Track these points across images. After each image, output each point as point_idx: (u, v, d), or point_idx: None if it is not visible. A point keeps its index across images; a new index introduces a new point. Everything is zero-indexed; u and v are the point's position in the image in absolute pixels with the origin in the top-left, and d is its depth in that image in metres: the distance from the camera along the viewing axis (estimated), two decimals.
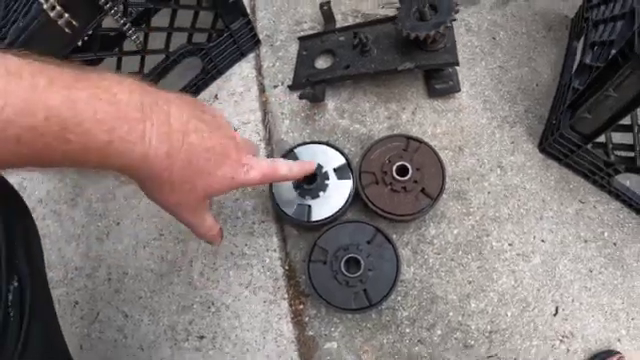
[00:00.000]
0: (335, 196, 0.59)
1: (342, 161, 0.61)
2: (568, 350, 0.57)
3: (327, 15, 0.72)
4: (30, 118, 0.26)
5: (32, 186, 0.78)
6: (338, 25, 0.73)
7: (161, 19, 0.66)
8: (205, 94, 0.75)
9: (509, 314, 0.58)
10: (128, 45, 0.64)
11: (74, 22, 0.53)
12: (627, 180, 0.62)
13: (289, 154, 0.63)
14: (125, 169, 0.33)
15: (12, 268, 0.33)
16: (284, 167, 0.46)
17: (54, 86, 0.27)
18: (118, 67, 0.65)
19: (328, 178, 0.60)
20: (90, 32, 0.56)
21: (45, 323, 0.37)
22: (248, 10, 0.74)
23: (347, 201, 0.59)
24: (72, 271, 0.70)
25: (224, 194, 0.45)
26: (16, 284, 0.33)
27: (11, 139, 0.26)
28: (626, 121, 0.53)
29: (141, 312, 0.65)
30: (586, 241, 0.62)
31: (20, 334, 0.32)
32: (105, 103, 0.29)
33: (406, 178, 0.57)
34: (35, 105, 0.26)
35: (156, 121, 0.32)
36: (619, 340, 0.58)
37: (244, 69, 0.76)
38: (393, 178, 0.58)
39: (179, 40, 0.68)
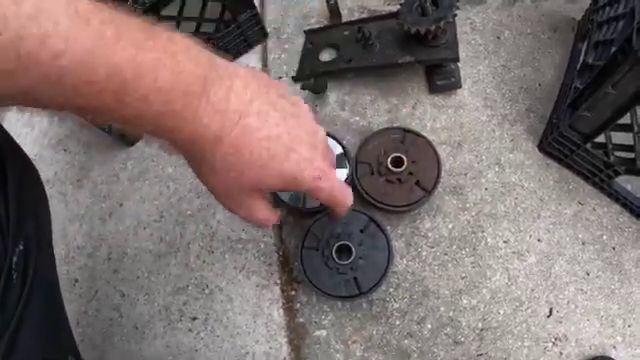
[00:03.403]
0: None
1: (339, 150, 0.62)
2: (561, 353, 0.56)
3: (333, 10, 0.74)
4: (90, 72, 0.24)
5: (40, 167, 0.79)
6: (344, 20, 0.75)
7: (170, 9, 0.68)
8: None
9: (501, 312, 0.58)
10: None
11: None
12: (628, 184, 0.62)
13: None
14: (172, 143, 0.31)
15: (20, 231, 0.34)
16: (351, 198, 0.40)
17: (121, 41, 0.25)
18: None
19: None
20: None
21: (47, 290, 0.37)
22: (257, 3, 0.76)
23: None
24: (74, 250, 0.72)
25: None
26: (22, 247, 0.33)
27: (68, 88, 0.24)
28: (626, 120, 0.53)
29: (138, 292, 0.66)
30: (584, 243, 0.61)
31: (21, 298, 0.32)
32: (168, 71, 0.27)
33: (401, 169, 0.58)
34: (98, 59, 0.24)
35: (213, 96, 0.29)
36: (614, 347, 0.57)
37: (251, 60, 0.78)
38: (388, 169, 0.58)
39: (187, 30, 0.70)
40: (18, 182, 0.35)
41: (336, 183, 0.37)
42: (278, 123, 0.32)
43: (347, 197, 0.39)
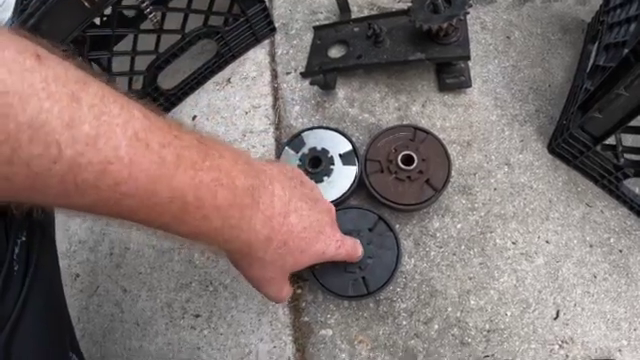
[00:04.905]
0: (339, 181, 0.59)
1: (348, 147, 0.61)
2: (567, 356, 0.56)
3: (343, 6, 0.73)
4: (152, 196, 0.24)
5: None
6: (353, 16, 0.74)
7: (178, 1, 0.67)
8: (218, 77, 0.76)
9: (509, 314, 0.58)
10: (145, 25, 0.65)
11: None
12: (636, 186, 0.61)
13: (296, 137, 0.63)
14: (225, 250, 0.33)
15: (22, 222, 0.33)
16: (360, 250, 0.48)
17: (181, 165, 0.25)
18: (134, 45, 0.66)
19: (333, 163, 0.60)
20: (109, 12, 0.57)
21: (48, 283, 0.37)
22: None
23: (351, 187, 0.59)
24: (75, 244, 0.71)
25: None
26: (24, 239, 0.33)
27: (125, 209, 0.24)
28: (636, 123, 0.52)
29: (140, 288, 0.65)
30: (591, 246, 0.61)
31: (22, 290, 0.32)
32: (226, 189, 0.28)
33: (411, 168, 0.57)
34: (160, 184, 0.24)
35: (262, 205, 0.32)
36: (620, 350, 0.57)
37: (258, 55, 0.77)
38: (398, 167, 0.58)
39: (195, 22, 0.69)
40: None
41: (349, 244, 0.44)
42: (309, 214, 0.37)
43: (358, 251, 0.47)
